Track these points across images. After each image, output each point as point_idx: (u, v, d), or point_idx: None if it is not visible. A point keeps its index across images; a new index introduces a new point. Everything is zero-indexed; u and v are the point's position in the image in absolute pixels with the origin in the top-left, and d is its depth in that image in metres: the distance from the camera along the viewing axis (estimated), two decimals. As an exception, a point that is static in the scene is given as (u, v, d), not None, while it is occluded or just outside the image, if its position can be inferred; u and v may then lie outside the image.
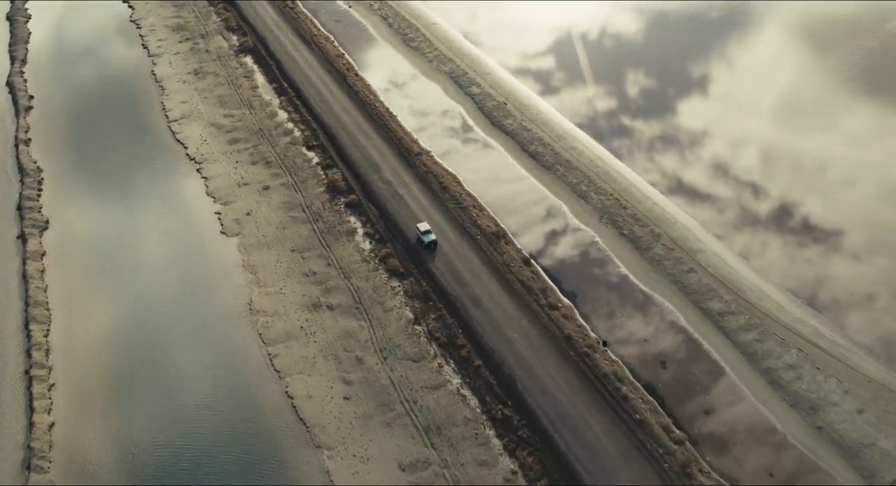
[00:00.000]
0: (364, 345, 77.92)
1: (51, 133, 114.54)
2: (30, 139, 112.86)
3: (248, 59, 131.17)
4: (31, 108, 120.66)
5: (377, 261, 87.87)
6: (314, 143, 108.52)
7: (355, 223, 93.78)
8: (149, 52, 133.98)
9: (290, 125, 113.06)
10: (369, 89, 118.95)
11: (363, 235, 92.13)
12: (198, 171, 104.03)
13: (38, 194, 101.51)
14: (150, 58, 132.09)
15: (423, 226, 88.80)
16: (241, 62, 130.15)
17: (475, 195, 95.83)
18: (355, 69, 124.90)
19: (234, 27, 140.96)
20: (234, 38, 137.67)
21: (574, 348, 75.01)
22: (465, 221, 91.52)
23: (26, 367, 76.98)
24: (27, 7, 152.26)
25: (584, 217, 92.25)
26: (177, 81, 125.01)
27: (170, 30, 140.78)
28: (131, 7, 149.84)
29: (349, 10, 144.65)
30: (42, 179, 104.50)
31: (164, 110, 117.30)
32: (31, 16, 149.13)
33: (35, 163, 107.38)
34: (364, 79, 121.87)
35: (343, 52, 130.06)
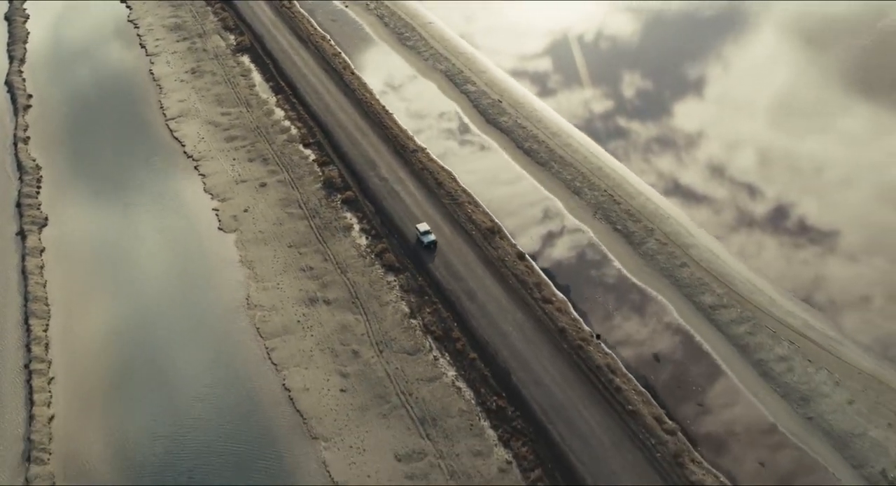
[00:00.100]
0: (360, 338, 78.69)
1: (49, 131, 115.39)
2: (28, 137, 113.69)
3: (246, 59, 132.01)
4: (29, 106, 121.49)
5: (373, 256, 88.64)
6: (311, 140, 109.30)
7: (351, 219, 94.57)
8: (146, 51, 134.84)
9: (286, 123, 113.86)
10: (365, 88, 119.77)
11: (359, 230, 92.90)
12: (195, 168, 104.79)
13: (37, 192, 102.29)
14: (147, 57, 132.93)
15: (423, 226, 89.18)
16: (238, 61, 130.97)
17: (470, 192, 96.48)
18: (351, 68, 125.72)
19: (232, 27, 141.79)
20: (231, 37, 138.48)
21: (568, 341, 75.79)
22: (460, 216, 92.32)
23: (26, 361, 77.81)
24: (25, 7, 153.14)
25: (578, 213, 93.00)
26: (174, 79, 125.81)
27: (167, 29, 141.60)
28: (129, 7, 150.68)
29: (345, 9, 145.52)
30: (41, 176, 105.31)
31: (162, 109, 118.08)
32: (29, 16, 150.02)
33: (34, 161, 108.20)
34: (360, 77, 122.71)
35: (339, 51, 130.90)
